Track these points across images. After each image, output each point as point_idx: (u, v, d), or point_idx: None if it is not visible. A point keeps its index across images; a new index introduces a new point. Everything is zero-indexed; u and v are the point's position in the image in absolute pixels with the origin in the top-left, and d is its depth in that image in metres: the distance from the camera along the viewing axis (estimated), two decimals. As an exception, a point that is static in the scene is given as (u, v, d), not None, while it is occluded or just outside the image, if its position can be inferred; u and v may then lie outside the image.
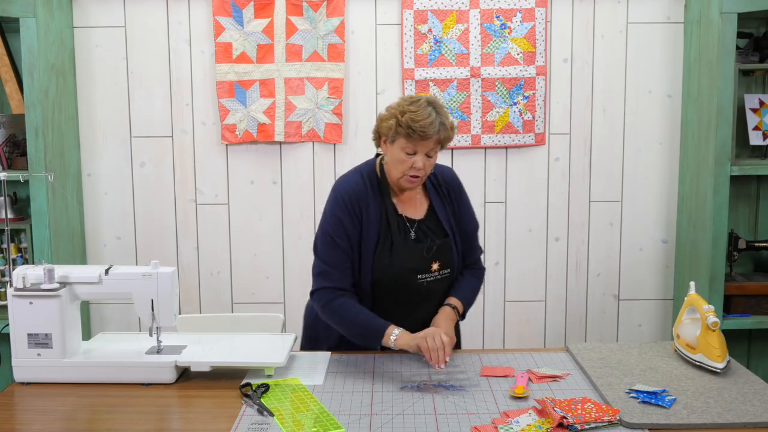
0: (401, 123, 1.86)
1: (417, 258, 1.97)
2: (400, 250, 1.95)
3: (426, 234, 2.00)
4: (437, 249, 1.99)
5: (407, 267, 1.96)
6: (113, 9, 3.02)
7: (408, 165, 1.89)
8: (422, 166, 1.89)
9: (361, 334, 1.92)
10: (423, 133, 1.84)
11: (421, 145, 1.87)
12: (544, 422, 1.55)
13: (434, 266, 1.99)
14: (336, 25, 2.99)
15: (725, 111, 2.72)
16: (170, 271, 1.89)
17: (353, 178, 2.01)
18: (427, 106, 1.87)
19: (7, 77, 2.88)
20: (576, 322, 3.19)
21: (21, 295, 1.83)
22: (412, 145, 1.87)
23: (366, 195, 1.97)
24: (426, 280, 1.99)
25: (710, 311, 1.81)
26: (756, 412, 1.59)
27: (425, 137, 1.85)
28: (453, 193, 2.08)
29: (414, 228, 2.00)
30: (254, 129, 3.04)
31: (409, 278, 1.97)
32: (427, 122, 1.84)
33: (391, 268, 1.95)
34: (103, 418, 1.65)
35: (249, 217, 3.13)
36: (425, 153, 1.89)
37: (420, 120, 1.84)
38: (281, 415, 1.62)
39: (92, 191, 3.12)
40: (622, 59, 3.05)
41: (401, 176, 1.92)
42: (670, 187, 3.11)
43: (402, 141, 1.88)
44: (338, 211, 1.97)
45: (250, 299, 3.17)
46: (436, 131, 1.86)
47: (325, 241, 1.99)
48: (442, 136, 1.88)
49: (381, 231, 1.96)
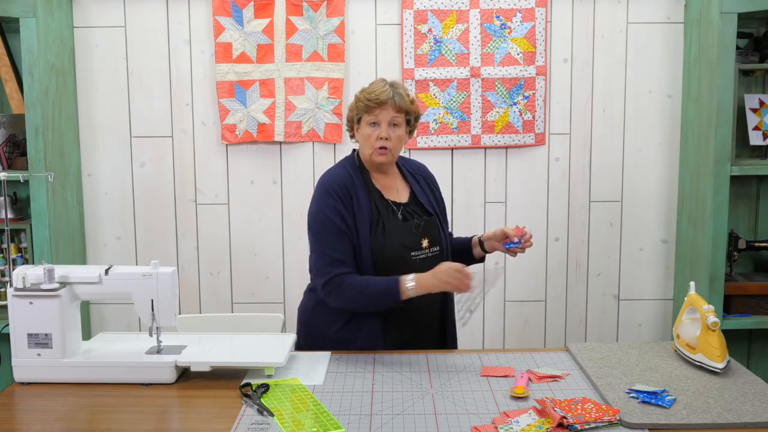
0: (359, 99, 2.07)
1: (408, 235, 2.08)
2: (392, 230, 2.05)
3: (411, 215, 2.13)
4: (424, 225, 2.11)
5: (400, 244, 2.05)
6: (113, 9, 3.02)
7: (375, 137, 2.04)
8: (387, 135, 2.04)
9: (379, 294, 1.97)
10: (377, 99, 2.02)
11: (381, 114, 2.03)
12: (544, 422, 1.55)
13: (424, 243, 2.09)
14: (336, 25, 2.99)
15: (725, 111, 2.72)
16: (170, 271, 1.89)
17: (338, 171, 2.14)
18: (384, 83, 2.07)
19: (7, 77, 2.88)
20: (576, 322, 3.19)
21: (21, 295, 1.83)
22: (373, 116, 2.04)
23: (353, 184, 2.08)
24: (419, 257, 2.08)
25: (710, 311, 1.81)
26: (756, 412, 1.59)
27: (381, 103, 2.02)
28: (431, 183, 2.26)
29: (400, 210, 2.11)
30: (254, 129, 3.04)
31: (405, 256, 2.06)
32: (380, 90, 2.03)
33: (387, 247, 2.03)
34: (103, 418, 1.65)
35: (249, 217, 3.13)
36: (388, 122, 2.04)
37: (374, 90, 2.04)
38: (281, 415, 1.62)
39: (92, 191, 3.12)
40: (622, 59, 3.05)
41: (371, 151, 2.06)
42: (670, 187, 3.11)
43: (365, 117, 2.06)
44: (333, 202, 2.05)
45: (250, 299, 3.17)
46: (390, 96, 2.02)
47: (328, 230, 2.04)
48: (398, 101, 2.03)
49: (372, 214, 2.06)
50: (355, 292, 1.99)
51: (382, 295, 1.97)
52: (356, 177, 2.10)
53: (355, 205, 2.05)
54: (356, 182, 2.09)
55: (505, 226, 2.37)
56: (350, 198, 2.05)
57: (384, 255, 2.03)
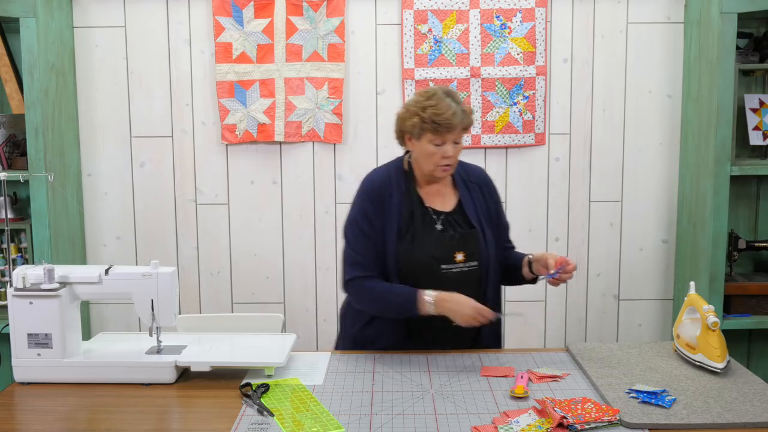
0: (425, 119, 1.94)
1: (439, 247, 2.00)
2: (423, 240, 1.99)
3: (452, 225, 2.05)
4: (460, 238, 2.02)
5: (430, 256, 1.99)
6: (113, 9, 3.02)
7: (439, 156, 1.96)
8: (452, 153, 1.97)
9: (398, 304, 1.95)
10: (448, 124, 1.92)
11: (448, 136, 1.95)
12: (544, 422, 1.55)
13: (458, 257, 2.01)
14: (336, 25, 2.99)
15: (725, 111, 2.72)
16: (170, 271, 1.89)
17: (380, 171, 2.11)
18: (445, 97, 1.95)
19: (7, 77, 2.88)
20: (576, 322, 3.19)
21: (21, 295, 1.83)
22: (440, 137, 1.94)
23: (390, 186, 2.04)
24: (451, 270, 2.01)
25: (710, 311, 1.81)
26: (756, 412, 1.59)
27: (451, 128, 1.93)
28: (487, 191, 2.14)
29: (441, 220, 2.04)
30: (254, 129, 3.04)
31: (434, 267, 1.99)
32: (450, 114, 1.92)
33: (414, 257, 1.98)
34: (103, 418, 1.65)
35: (249, 217, 3.13)
36: (453, 141, 1.96)
37: (443, 113, 1.92)
38: (281, 415, 1.62)
39: (92, 191, 3.12)
40: (622, 59, 3.05)
41: (433, 168, 1.99)
42: (670, 187, 3.11)
43: (429, 135, 1.95)
44: (363, 201, 2.05)
45: (250, 299, 3.17)
46: (460, 120, 1.94)
47: (353, 231, 2.05)
48: (465, 123, 1.97)
49: (403, 221, 2.01)
50: (374, 296, 1.99)
51: (401, 305, 1.95)
52: (397, 181, 2.06)
53: (386, 208, 2.02)
54: (395, 186, 2.04)
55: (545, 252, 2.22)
56: (382, 201, 2.02)
57: (410, 264, 1.99)
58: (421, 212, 2.03)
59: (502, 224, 2.18)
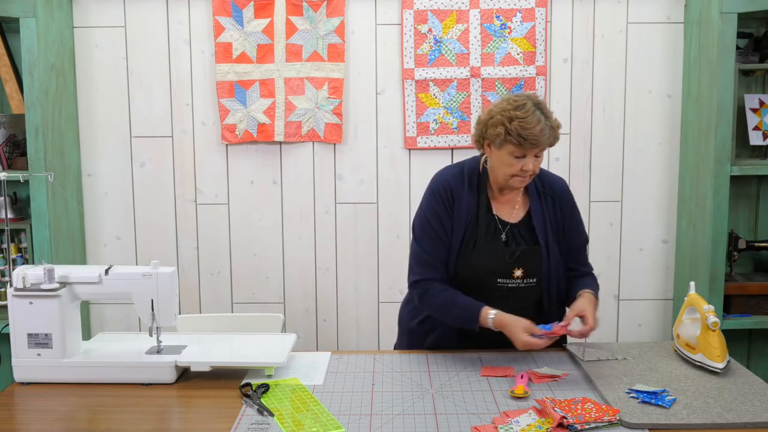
0: (510, 131, 1.84)
1: (499, 261, 1.95)
2: (483, 250, 1.95)
3: (516, 239, 1.98)
4: (521, 255, 1.95)
5: (487, 268, 1.95)
6: (113, 9, 3.02)
7: (517, 168, 1.88)
8: (532, 167, 1.89)
9: (459, 316, 1.93)
10: (535, 140, 1.83)
11: (531, 151, 1.87)
12: (544, 422, 1.55)
13: (517, 272, 1.96)
14: (336, 25, 2.99)
15: (725, 111, 2.72)
16: (170, 271, 1.89)
17: (451, 171, 2.04)
18: (535, 110, 1.84)
19: (7, 77, 2.88)
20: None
21: (21, 295, 1.83)
22: (522, 150, 1.86)
23: (461, 189, 1.99)
24: (507, 285, 1.96)
25: (710, 311, 1.81)
26: (756, 412, 1.59)
27: (537, 145, 1.85)
28: (560, 204, 2.03)
29: (506, 231, 1.99)
30: (254, 129, 3.04)
31: (489, 280, 1.96)
32: (537, 130, 1.83)
33: (471, 267, 1.95)
34: (103, 418, 1.65)
35: (249, 217, 3.13)
36: (534, 155, 1.89)
37: (530, 128, 1.82)
38: (281, 415, 1.62)
39: (92, 191, 3.12)
40: (622, 59, 3.05)
41: (509, 178, 1.91)
42: (670, 187, 3.11)
43: (511, 147, 1.86)
44: (434, 203, 2.00)
45: (250, 299, 3.17)
46: (547, 138, 1.86)
47: (424, 230, 2.01)
48: (552, 140, 1.88)
49: (468, 227, 1.97)
50: (438, 302, 1.96)
51: (462, 318, 1.93)
52: (469, 182, 2.00)
53: (456, 210, 1.97)
54: (465, 188, 1.99)
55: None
56: (452, 202, 1.97)
57: (466, 272, 1.96)
58: (486, 220, 1.98)
59: (575, 242, 2.05)
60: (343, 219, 3.11)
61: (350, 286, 3.15)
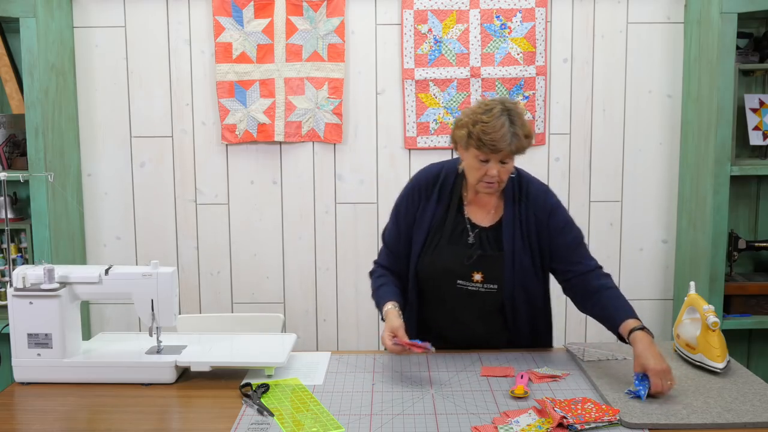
0: (472, 134, 1.83)
1: (457, 262, 1.96)
2: (445, 250, 1.96)
3: (483, 242, 1.96)
4: (480, 259, 1.95)
5: (446, 268, 1.96)
6: (113, 9, 3.02)
7: (482, 172, 1.87)
8: (496, 173, 1.86)
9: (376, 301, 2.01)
10: (493, 146, 1.81)
11: (493, 156, 1.85)
12: (544, 422, 1.55)
13: (476, 276, 1.95)
14: (336, 25, 2.99)
15: (725, 111, 2.72)
16: (170, 271, 1.89)
17: (430, 169, 2.06)
18: (501, 115, 1.81)
19: (7, 77, 2.88)
20: (576, 322, 3.19)
21: (21, 295, 1.83)
22: (485, 154, 1.85)
23: (433, 188, 2.00)
24: (467, 287, 1.97)
25: (710, 311, 1.81)
26: (756, 412, 1.59)
27: (496, 150, 1.82)
28: (535, 210, 1.97)
29: (474, 233, 1.98)
30: (254, 129, 3.04)
31: (449, 280, 1.97)
32: (498, 136, 1.80)
33: (432, 265, 1.98)
34: (103, 418, 1.65)
35: (249, 217, 3.13)
36: (499, 161, 1.86)
37: (491, 133, 1.80)
38: (281, 415, 1.62)
39: (92, 191, 3.12)
40: (622, 59, 3.05)
41: (477, 182, 1.91)
42: (670, 187, 3.11)
43: (474, 150, 1.86)
44: (404, 194, 2.06)
45: (250, 299, 3.17)
46: (508, 144, 1.81)
47: (390, 219, 2.09)
48: (514, 147, 1.83)
49: (433, 226, 1.99)
50: (372, 286, 2.06)
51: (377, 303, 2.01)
52: (444, 183, 2.00)
53: (419, 212, 2.00)
54: (440, 186, 2.00)
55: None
56: (418, 202, 2.00)
57: (427, 273, 1.98)
58: (455, 221, 1.98)
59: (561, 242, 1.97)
60: (343, 219, 3.11)
61: (350, 286, 3.15)
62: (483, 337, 2.04)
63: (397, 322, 1.84)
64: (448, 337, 2.05)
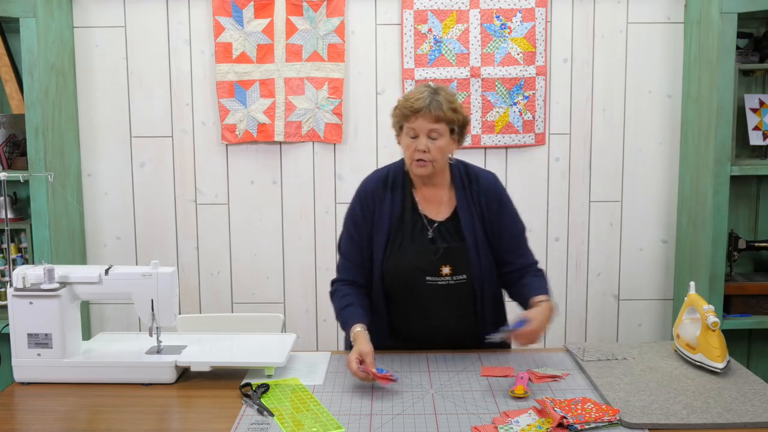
0: (398, 106, 1.94)
1: (425, 259, 1.95)
2: (409, 249, 1.95)
3: (443, 236, 1.97)
4: (446, 252, 1.95)
5: (414, 266, 1.95)
6: (113, 9, 3.02)
7: (413, 148, 1.91)
8: (425, 147, 1.89)
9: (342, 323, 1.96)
10: (412, 107, 1.88)
11: (419, 124, 1.89)
12: (544, 422, 1.55)
13: (444, 270, 1.96)
14: (336, 25, 2.99)
15: (725, 111, 2.72)
16: (170, 271, 1.89)
17: (377, 174, 2.07)
18: (425, 88, 1.92)
19: (7, 77, 2.88)
20: (576, 322, 3.19)
21: (21, 295, 1.83)
22: (411, 125, 1.90)
23: (383, 192, 2.00)
24: (437, 283, 1.96)
25: (710, 311, 1.81)
26: (756, 412, 1.59)
27: (416, 111, 1.88)
28: (486, 199, 2.00)
29: (432, 228, 1.99)
30: (254, 129, 3.04)
31: (418, 279, 1.96)
32: (416, 97, 1.89)
33: (399, 266, 1.95)
34: (103, 418, 1.65)
35: (249, 217, 3.13)
36: (427, 134, 1.89)
37: (411, 97, 1.90)
38: (281, 415, 1.62)
39: (92, 191, 3.12)
40: (622, 59, 3.05)
41: (411, 162, 1.94)
42: (670, 187, 3.11)
43: (405, 125, 1.92)
44: (355, 207, 2.03)
45: (250, 299, 3.17)
46: (427, 105, 1.87)
47: (343, 233, 2.05)
48: (434, 110, 1.87)
49: (393, 227, 1.97)
50: (336, 306, 2.00)
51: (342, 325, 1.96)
52: (393, 184, 2.01)
53: (377, 213, 1.98)
54: (389, 189, 2.00)
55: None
56: (373, 204, 1.99)
57: (394, 274, 1.96)
58: (413, 220, 1.98)
59: (507, 234, 2.01)
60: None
61: (350, 286, 3.15)
62: (455, 333, 2.03)
63: (367, 347, 1.80)
64: (418, 338, 2.03)
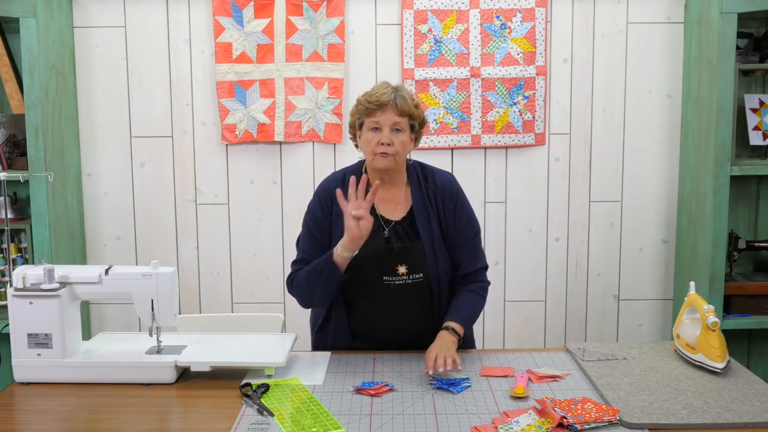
0: (361, 102, 1.98)
1: (380, 258, 1.97)
2: (365, 249, 1.92)
3: (399, 235, 1.99)
4: (401, 251, 1.97)
5: (368, 265, 1.96)
6: (113, 9, 3.02)
7: (375, 141, 1.94)
8: (389, 140, 1.93)
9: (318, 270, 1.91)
10: (378, 101, 1.93)
11: (383, 117, 1.93)
12: (544, 422, 1.55)
13: (401, 269, 1.98)
14: (336, 25, 2.99)
15: (725, 111, 2.72)
16: (170, 271, 1.89)
17: (334, 175, 2.10)
18: (385, 84, 1.98)
19: (7, 77, 2.88)
20: (576, 322, 3.19)
21: (21, 295, 1.83)
22: (375, 119, 1.93)
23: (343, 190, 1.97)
24: (394, 282, 1.98)
25: (710, 311, 1.81)
26: (756, 412, 1.59)
27: (381, 105, 1.92)
28: (443, 198, 2.03)
29: (389, 228, 2.00)
30: (254, 129, 3.04)
31: (374, 279, 1.98)
32: (381, 92, 1.94)
33: (355, 266, 1.94)
34: (103, 418, 1.65)
35: (249, 217, 3.13)
36: (391, 127, 1.93)
37: (373, 92, 1.96)
38: (281, 415, 1.62)
39: (92, 191, 3.12)
40: (622, 59, 3.05)
41: (373, 157, 1.95)
42: (670, 187, 3.11)
43: (366, 121, 1.96)
44: (314, 204, 2.06)
45: (250, 299, 3.17)
46: (391, 99, 1.93)
47: (302, 232, 2.07)
48: (399, 104, 1.93)
49: None
50: (301, 278, 1.97)
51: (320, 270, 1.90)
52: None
53: (334, 214, 1.99)
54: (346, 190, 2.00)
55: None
56: (331, 204, 2.00)
57: (351, 273, 1.94)
58: None
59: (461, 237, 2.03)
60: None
61: (350, 286, 3.15)
62: (415, 333, 2.02)
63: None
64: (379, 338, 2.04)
